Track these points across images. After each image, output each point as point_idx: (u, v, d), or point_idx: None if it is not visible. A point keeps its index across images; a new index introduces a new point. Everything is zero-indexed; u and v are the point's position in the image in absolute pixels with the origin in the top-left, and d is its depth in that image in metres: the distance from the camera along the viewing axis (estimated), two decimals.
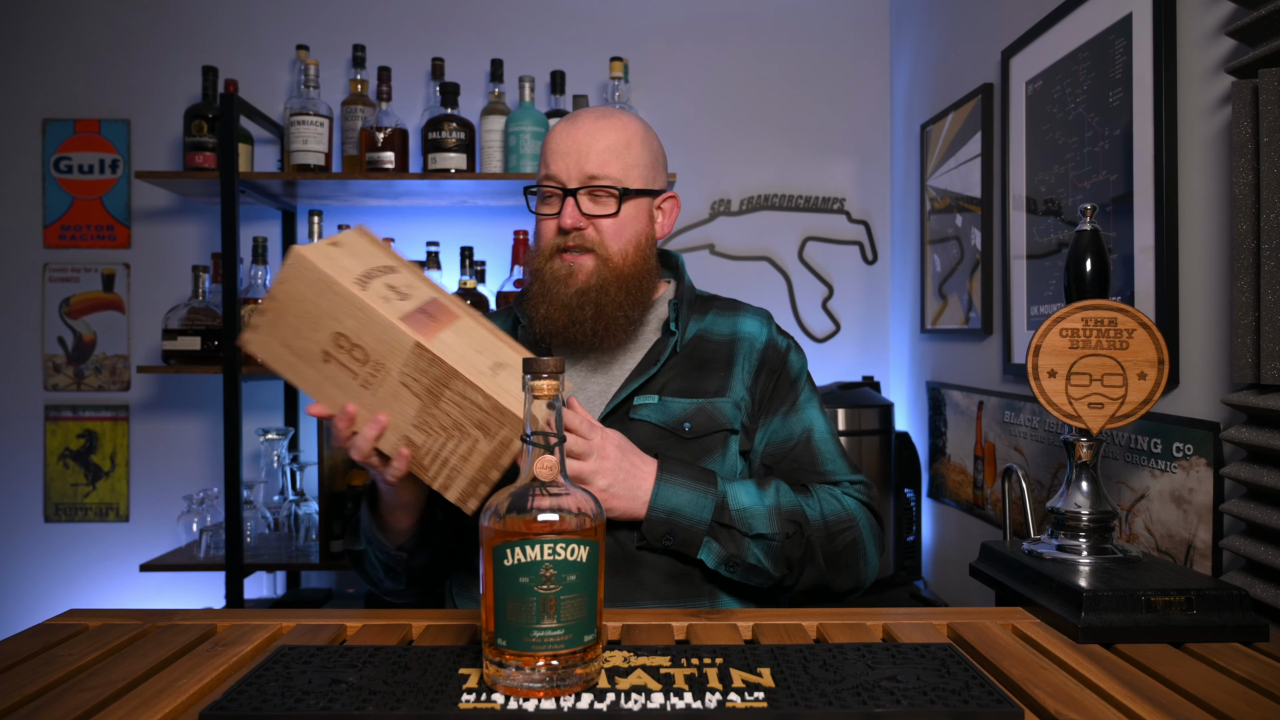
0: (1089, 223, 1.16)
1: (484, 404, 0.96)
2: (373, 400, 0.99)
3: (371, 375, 0.98)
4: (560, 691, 0.78)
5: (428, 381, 0.97)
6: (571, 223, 1.19)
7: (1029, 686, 0.83)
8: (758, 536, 1.14)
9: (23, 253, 2.63)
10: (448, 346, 0.98)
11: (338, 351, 0.99)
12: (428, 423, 0.98)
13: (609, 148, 1.21)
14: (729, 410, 1.23)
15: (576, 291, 1.19)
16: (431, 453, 1.00)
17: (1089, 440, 1.12)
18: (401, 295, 1.02)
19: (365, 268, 1.02)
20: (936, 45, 2.38)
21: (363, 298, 0.97)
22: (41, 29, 2.63)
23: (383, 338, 0.97)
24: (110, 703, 0.80)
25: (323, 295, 0.97)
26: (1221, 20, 1.24)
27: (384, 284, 1.02)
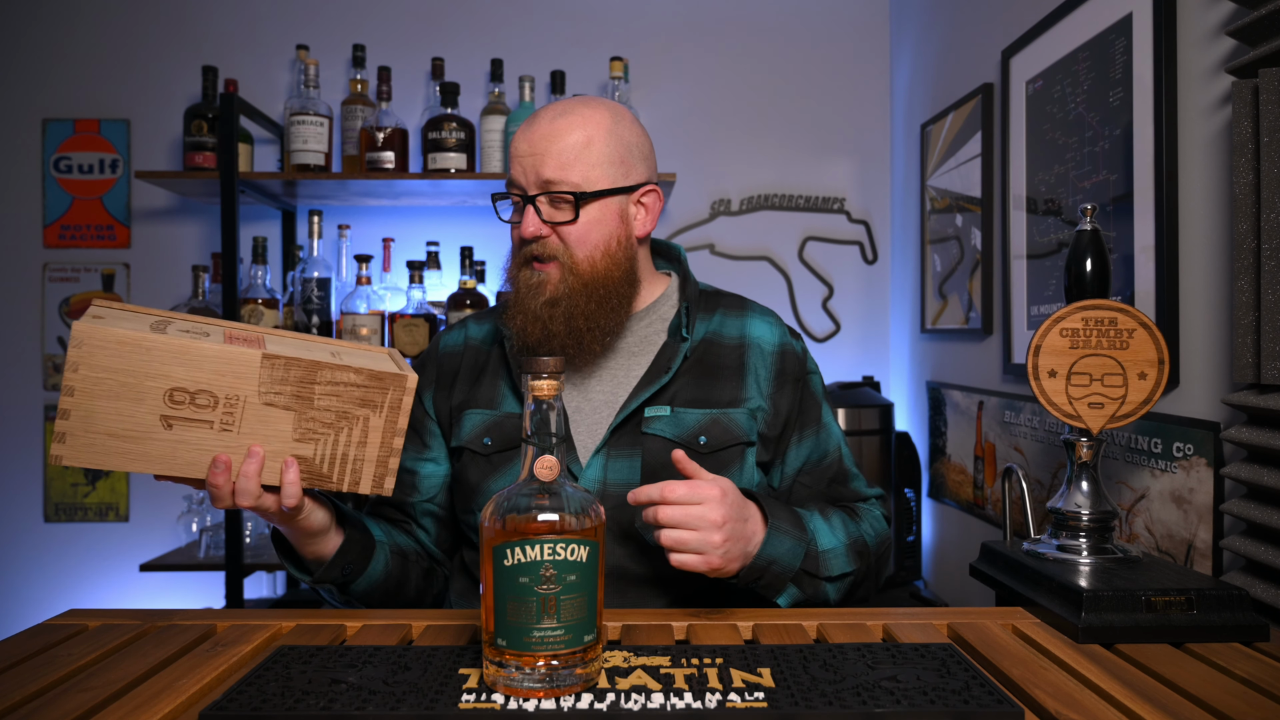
0: (1089, 222, 1.16)
1: (358, 379, 0.93)
2: (239, 439, 0.92)
3: (227, 414, 0.91)
4: (560, 691, 0.78)
5: (292, 388, 0.92)
6: (533, 231, 1.13)
7: (1029, 686, 0.83)
8: (838, 577, 1.13)
9: (22, 253, 2.63)
10: (284, 345, 0.96)
11: (178, 409, 0.89)
12: (309, 430, 0.94)
13: (567, 149, 1.13)
14: (744, 421, 1.18)
15: (545, 303, 1.14)
16: (325, 457, 0.95)
17: (1089, 440, 1.12)
18: (201, 333, 0.94)
19: (148, 323, 0.93)
20: (937, 45, 2.38)
21: (180, 341, 0.89)
22: (41, 29, 2.63)
23: (224, 369, 0.90)
24: (110, 703, 0.80)
25: (131, 358, 0.87)
26: (1222, 20, 1.24)
27: (178, 330, 0.94)
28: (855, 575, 1.15)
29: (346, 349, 1.04)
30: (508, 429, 1.18)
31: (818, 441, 1.25)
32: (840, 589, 1.15)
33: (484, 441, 1.18)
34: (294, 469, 0.95)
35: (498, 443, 1.18)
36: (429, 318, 2.27)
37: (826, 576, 1.12)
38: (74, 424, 0.87)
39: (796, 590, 1.10)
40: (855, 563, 1.14)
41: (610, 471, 1.15)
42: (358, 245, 2.55)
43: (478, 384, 1.24)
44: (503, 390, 1.22)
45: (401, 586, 1.19)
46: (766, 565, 1.06)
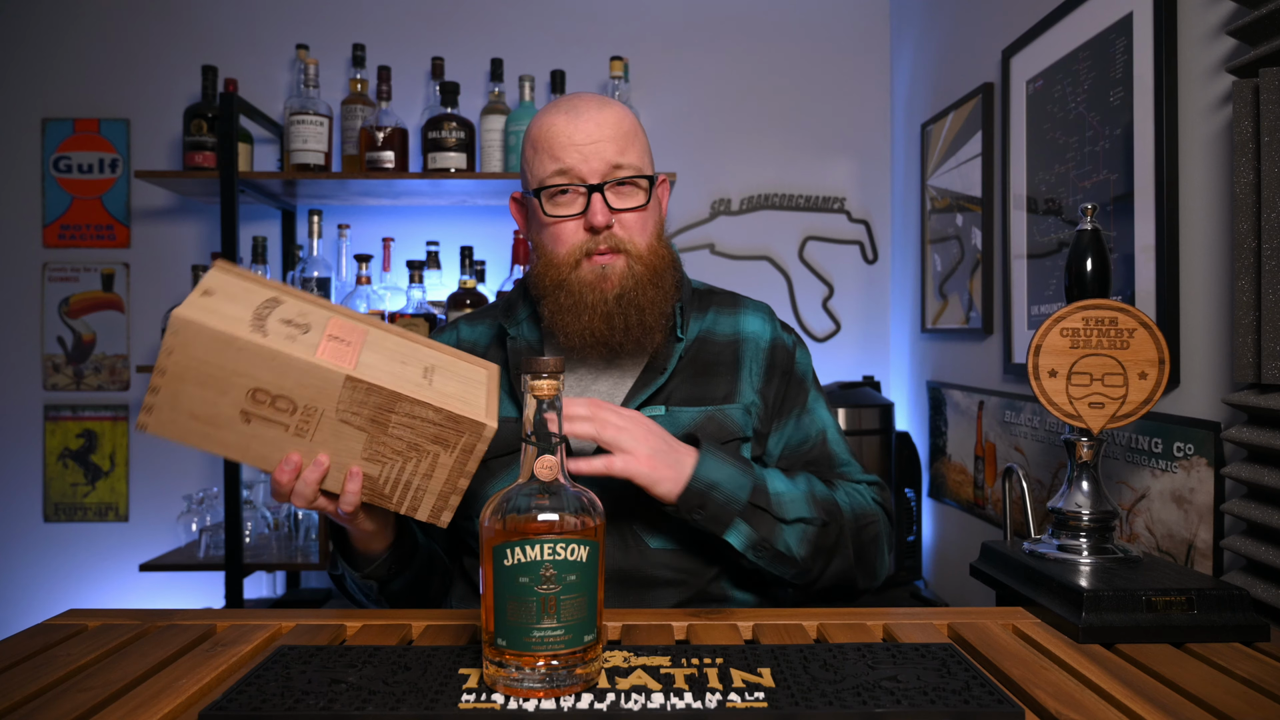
0: (1089, 222, 1.16)
1: (436, 418, 0.91)
2: (310, 446, 0.92)
3: (303, 422, 0.91)
4: (560, 691, 0.78)
5: (369, 412, 0.91)
6: (604, 220, 1.09)
7: (1029, 686, 0.83)
8: (795, 521, 1.09)
9: (22, 252, 2.63)
10: (374, 369, 0.92)
11: (258, 408, 0.90)
12: (379, 452, 0.93)
13: (625, 134, 1.12)
14: (739, 417, 1.18)
15: (615, 296, 1.10)
16: (390, 480, 0.95)
17: (1089, 440, 1.12)
18: (302, 327, 0.93)
19: (251, 309, 0.92)
20: (937, 45, 2.38)
21: (272, 346, 0.88)
22: (41, 28, 2.63)
23: (307, 382, 0.89)
24: (110, 703, 0.80)
25: (223, 354, 0.87)
26: (1222, 19, 1.24)
27: (279, 320, 0.92)
28: (819, 525, 1.11)
29: (446, 363, 1.00)
30: (504, 433, 1.17)
31: (799, 424, 1.24)
32: (804, 540, 1.10)
33: None
34: (356, 481, 0.94)
35: (494, 448, 1.16)
36: (429, 317, 2.27)
37: (781, 517, 1.08)
38: (161, 400, 0.89)
39: (748, 528, 1.08)
40: (817, 512, 1.11)
41: None
42: (357, 245, 2.55)
43: None
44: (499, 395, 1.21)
45: (427, 588, 1.20)
46: (706, 489, 1.05)
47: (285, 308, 0.95)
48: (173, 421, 0.90)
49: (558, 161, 1.11)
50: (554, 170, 1.12)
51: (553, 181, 1.12)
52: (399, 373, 0.94)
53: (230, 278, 0.96)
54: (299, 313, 0.95)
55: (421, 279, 2.31)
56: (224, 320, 0.88)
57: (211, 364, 0.88)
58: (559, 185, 1.12)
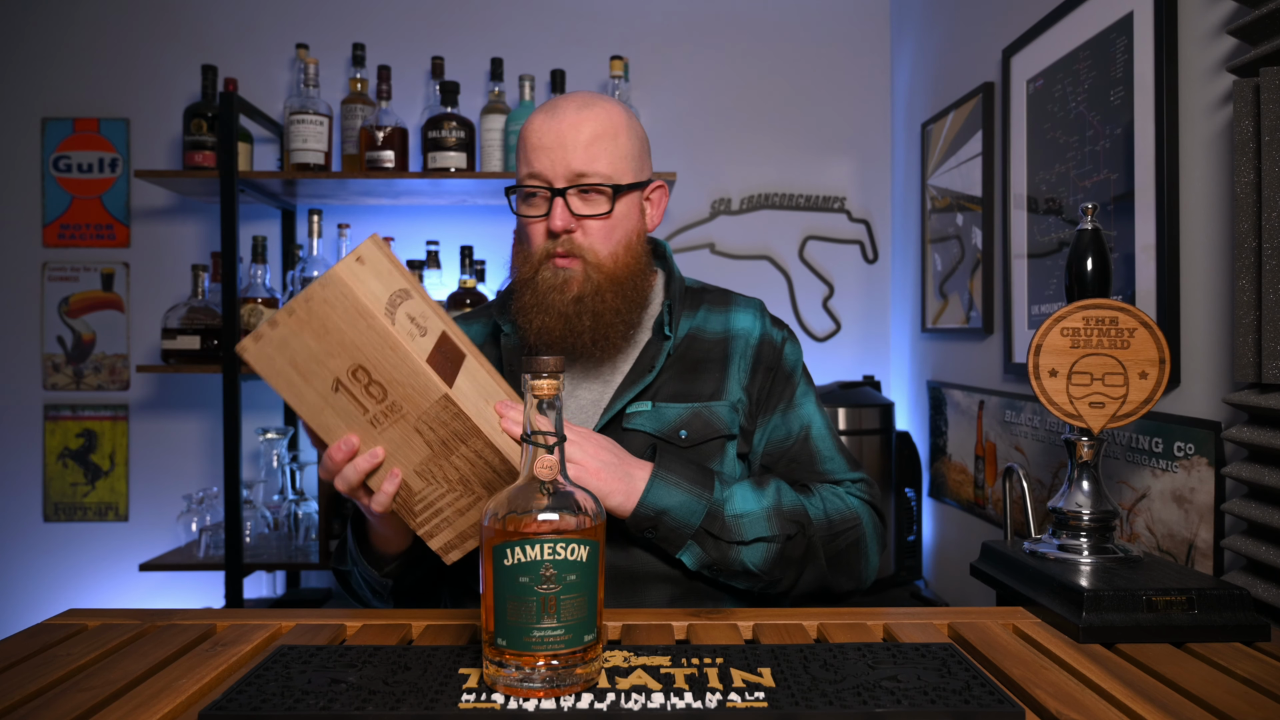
0: (1090, 222, 1.16)
1: (499, 466, 0.92)
2: (375, 437, 0.93)
3: (384, 415, 0.92)
4: (560, 691, 0.77)
5: (445, 434, 0.91)
6: (562, 225, 1.11)
7: (1030, 686, 0.82)
8: (754, 541, 1.10)
9: (22, 252, 2.63)
10: (466, 397, 0.92)
11: (352, 383, 0.91)
12: (432, 472, 0.93)
13: (596, 140, 1.12)
14: (725, 414, 1.18)
15: (572, 299, 1.12)
16: (426, 500, 0.95)
17: (1090, 440, 1.12)
18: (421, 329, 0.95)
19: (388, 293, 0.95)
20: (937, 44, 2.38)
21: (397, 336, 0.89)
22: (40, 27, 2.62)
23: (409, 382, 0.90)
24: (109, 703, 0.80)
25: (354, 325, 0.88)
26: (1222, 19, 1.24)
27: (405, 315, 0.95)
28: (780, 542, 1.11)
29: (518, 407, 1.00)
30: None
31: (784, 419, 1.23)
32: (765, 557, 1.11)
33: None
34: (394, 484, 0.94)
35: None
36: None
37: (738, 539, 1.09)
38: (274, 336, 0.90)
39: (700, 550, 1.10)
40: (780, 529, 1.11)
41: None
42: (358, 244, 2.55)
43: None
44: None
45: (435, 588, 1.21)
46: (656, 515, 1.07)
47: (411, 304, 0.97)
48: (271, 358, 0.91)
49: (529, 164, 1.14)
50: (525, 172, 1.15)
51: (524, 182, 1.15)
52: (483, 410, 0.94)
53: (380, 255, 0.98)
54: (421, 313, 0.98)
55: (421, 279, 2.31)
56: (368, 294, 0.90)
57: (339, 327, 0.89)
58: (528, 187, 1.14)
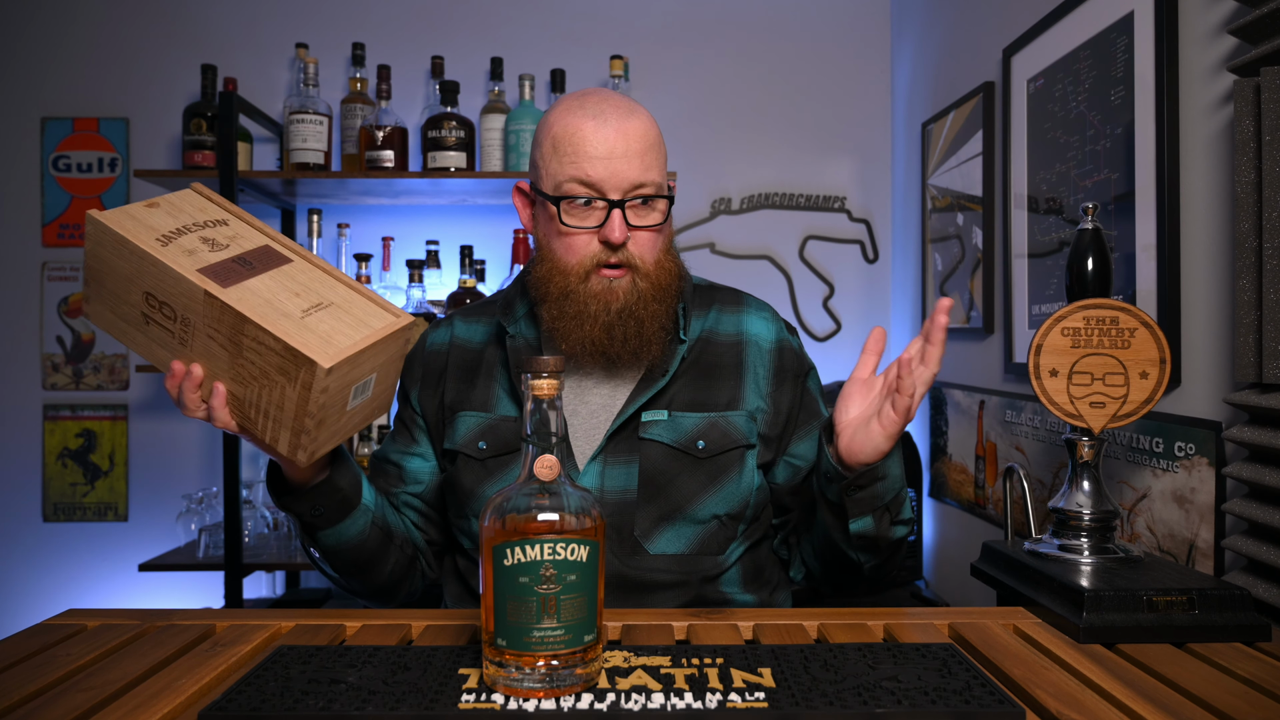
0: (1090, 221, 1.16)
1: (275, 346, 0.92)
2: (189, 356, 0.97)
3: (183, 331, 0.96)
4: (560, 691, 0.77)
5: (227, 331, 0.94)
6: (621, 237, 1.08)
7: (1030, 686, 0.82)
8: (904, 521, 1.10)
9: (21, 251, 2.63)
10: (250, 292, 0.95)
11: (151, 311, 0.97)
12: (239, 373, 0.96)
13: (649, 150, 1.10)
14: (743, 424, 1.16)
15: (619, 310, 1.10)
16: (251, 403, 0.97)
17: (1090, 440, 1.12)
18: (217, 247, 0.98)
19: (180, 224, 0.99)
20: (937, 43, 2.38)
21: (154, 253, 0.94)
22: (40, 27, 2.62)
23: (179, 290, 0.94)
24: (109, 703, 0.80)
25: (122, 256, 0.95)
26: (1223, 18, 1.24)
27: (199, 238, 0.98)
28: (909, 527, 1.13)
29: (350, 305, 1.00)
30: (503, 433, 1.16)
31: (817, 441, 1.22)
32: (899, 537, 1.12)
33: (479, 445, 1.16)
34: (219, 397, 0.97)
35: (493, 447, 1.16)
36: (429, 317, 2.27)
37: (899, 520, 1.10)
38: (91, 293, 1.00)
39: (872, 521, 1.08)
40: (911, 512, 1.13)
41: (607, 479, 1.13)
42: (357, 244, 2.55)
43: (471, 385, 1.21)
44: (498, 393, 1.20)
45: (377, 562, 1.17)
46: (882, 475, 1.05)
47: (221, 230, 1.01)
48: (101, 314, 1.01)
49: (580, 171, 1.09)
50: (575, 179, 1.09)
51: (573, 191, 1.10)
52: (277, 301, 0.96)
53: (192, 197, 1.04)
54: (230, 236, 1.01)
55: (421, 278, 2.31)
56: (132, 227, 0.96)
57: (115, 264, 0.96)
58: (580, 196, 1.10)
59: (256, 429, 0.98)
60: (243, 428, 0.99)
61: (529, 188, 1.19)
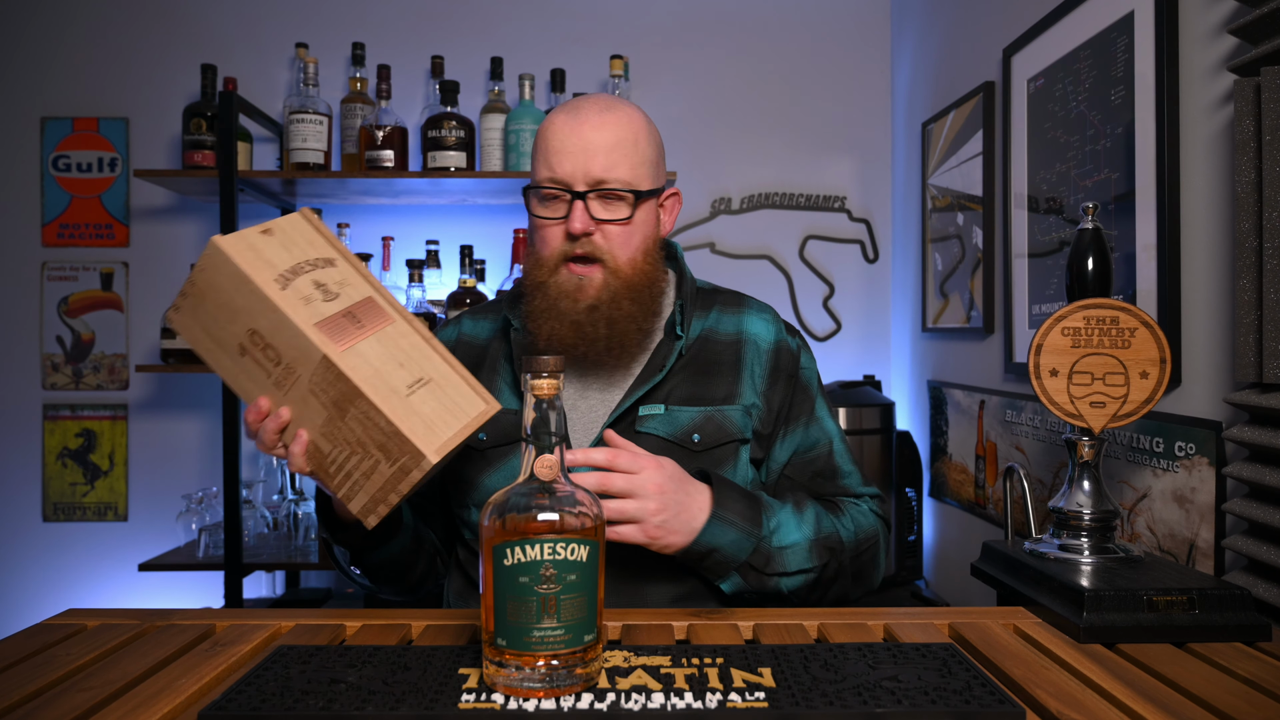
0: (1091, 221, 1.16)
1: (385, 428, 0.92)
2: (284, 400, 0.96)
3: (283, 377, 0.95)
4: (560, 691, 0.77)
5: (334, 395, 0.93)
6: (582, 227, 1.10)
7: (1031, 686, 0.82)
8: (795, 573, 1.12)
9: (21, 251, 2.63)
10: (363, 359, 0.94)
11: (252, 348, 0.96)
12: (333, 434, 0.95)
13: (617, 145, 1.12)
14: (739, 418, 1.18)
15: (587, 307, 1.12)
16: (336, 463, 0.96)
17: (1091, 439, 1.12)
18: (329, 295, 0.98)
19: (294, 261, 0.98)
20: (938, 43, 2.37)
21: (276, 299, 0.92)
22: (40, 27, 2.62)
23: (294, 343, 0.93)
24: (109, 703, 0.80)
25: (239, 291, 0.94)
26: (1223, 18, 1.24)
27: (311, 281, 0.98)
28: (818, 571, 1.14)
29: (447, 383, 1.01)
30: (504, 424, 1.17)
31: (806, 433, 1.24)
32: (797, 585, 1.13)
33: (479, 436, 1.18)
34: (300, 444, 0.96)
35: (494, 438, 1.18)
36: (429, 316, 2.27)
37: (780, 571, 1.11)
38: (187, 305, 0.98)
39: (740, 580, 1.11)
40: (819, 559, 1.13)
41: None
42: (357, 244, 2.55)
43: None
44: (500, 386, 1.22)
45: (412, 567, 1.21)
46: (706, 552, 1.08)
47: (329, 272, 1.01)
48: (190, 327, 0.99)
49: (549, 166, 1.13)
50: (545, 174, 1.13)
51: (542, 183, 1.14)
52: (385, 372, 0.95)
53: (301, 226, 1.03)
54: (339, 281, 1.01)
55: (421, 278, 2.30)
56: (253, 262, 0.94)
57: (227, 294, 0.95)
58: (547, 189, 1.13)
59: (332, 483, 0.97)
60: (315, 473, 0.99)
61: None
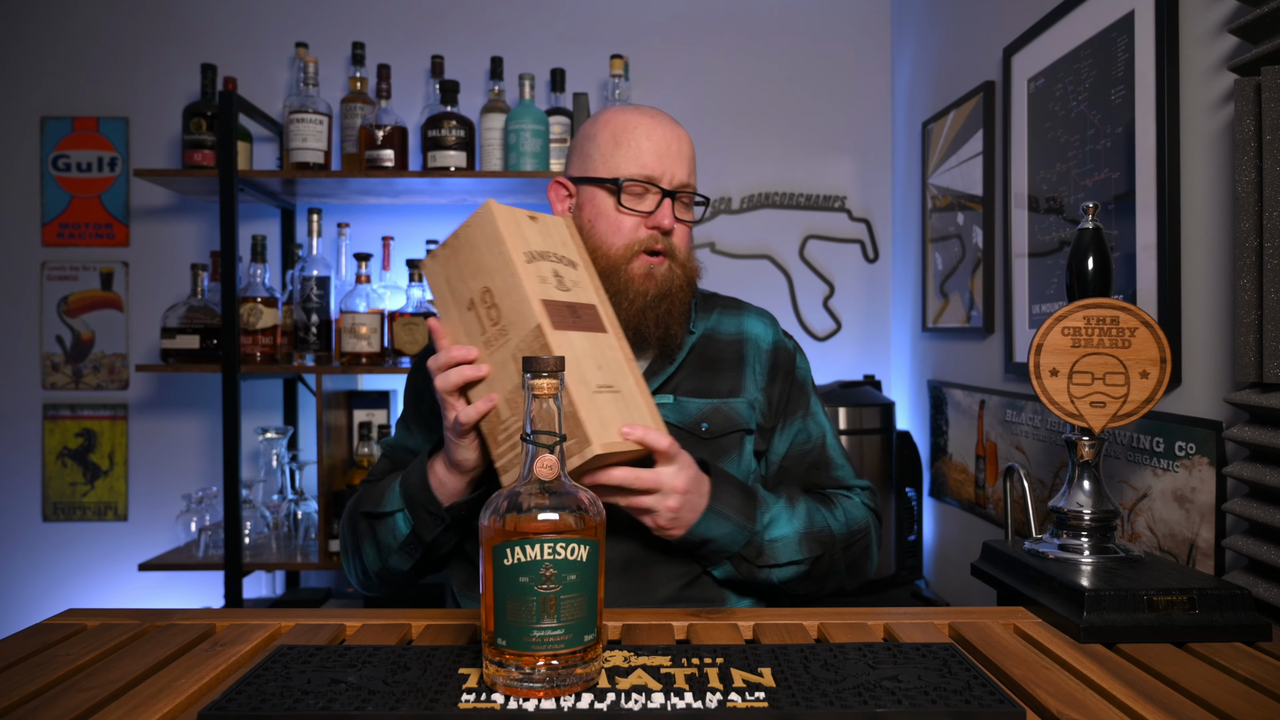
0: (1091, 221, 1.16)
1: (566, 409, 0.96)
2: (489, 359, 1.04)
3: (495, 337, 1.03)
4: (560, 691, 0.77)
5: None
6: (670, 224, 1.20)
7: (1031, 686, 0.82)
8: (786, 564, 1.17)
9: (21, 251, 2.63)
10: (569, 345, 1.01)
11: (480, 304, 1.04)
12: (516, 402, 1.00)
13: (692, 155, 1.25)
14: (744, 410, 1.25)
15: (657, 295, 1.20)
16: (507, 430, 1.01)
17: (1091, 439, 1.12)
18: (563, 286, 1.07)
19: (546, 247, 1.08)
20: (938, 43, 2.37)
21: (518, 266, 1.01)
22: (40, 26, 2.62)
23: (518, 308, 1.01)
24: (108, 703, 0.80)
25: (490, 250, 1.03)
26: (1224, 18, 1.24)
27: (552, 269, 1.07)
28: (809, 564, 1.18)
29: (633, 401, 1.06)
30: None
31: (803, 426, 1.30)
32: (790, 576, 1.18)
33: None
34: (486, 405, 1.02)
35: None
36: (429, 316, 2.26)
37: (771, 563, 1.16)
38: (443, 254, 1.09)
39: (732, 568, 1.16)
40: (809, 551, 1.18)
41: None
42: (357, 244, 2.55)
43: None
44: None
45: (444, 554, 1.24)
46: (701, 542, 1.13)
47: (571, 272, 1.10)
48: (436, 274, 1.09)
49: (639, 163, 1.21)
50: (635, 169, 1.21)
51: (635, 176, 1.20)
52: (583, 364, 1.01)
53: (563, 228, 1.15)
54: (574, 281, 1.10)
55: (421, 278, 2.30)
56: (513, 232, 1.05)
57: (480, 250, 1.05)
58: (640, 183, 1.20)
59: (496, 449, 1.03)
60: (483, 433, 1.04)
61: (569, 180, 1.27)
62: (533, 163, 2.26)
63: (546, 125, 2.29)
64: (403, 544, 1.18)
